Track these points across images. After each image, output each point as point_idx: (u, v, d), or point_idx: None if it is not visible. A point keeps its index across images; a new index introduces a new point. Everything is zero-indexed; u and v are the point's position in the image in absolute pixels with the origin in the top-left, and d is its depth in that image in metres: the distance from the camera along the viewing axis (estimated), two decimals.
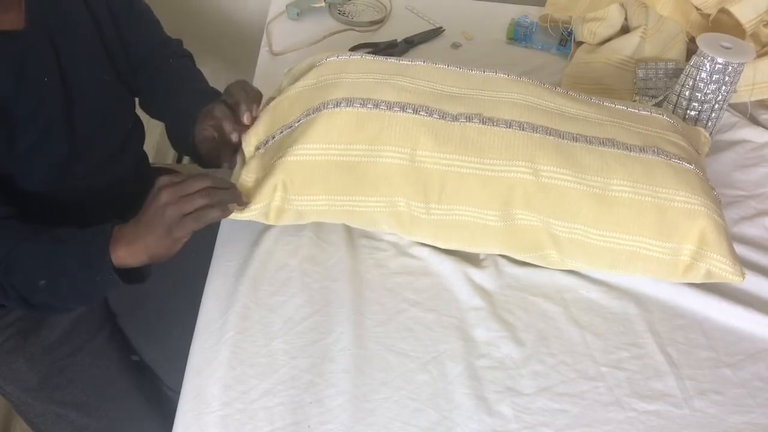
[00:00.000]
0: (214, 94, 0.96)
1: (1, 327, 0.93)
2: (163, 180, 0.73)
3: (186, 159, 1.76)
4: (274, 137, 0.84)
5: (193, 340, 0.77)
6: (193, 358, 0.75)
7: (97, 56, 0.93)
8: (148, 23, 1.03)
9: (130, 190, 0.90)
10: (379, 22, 1.35)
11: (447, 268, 0.85)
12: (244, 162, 0.85)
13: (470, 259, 0.87)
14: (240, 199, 0.78)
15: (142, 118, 1.07)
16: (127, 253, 0.73)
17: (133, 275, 0.76)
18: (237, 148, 0.87)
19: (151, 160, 1.17)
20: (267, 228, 0.89)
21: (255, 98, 0.87)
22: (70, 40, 0.87)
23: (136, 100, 1.07)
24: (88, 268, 0.74)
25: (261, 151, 0.84)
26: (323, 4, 1.35)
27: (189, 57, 1.10)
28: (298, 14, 1.34)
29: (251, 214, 0.80)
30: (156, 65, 1.02)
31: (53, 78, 0.85)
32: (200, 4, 1.71)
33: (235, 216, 0.79)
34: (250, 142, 0.86)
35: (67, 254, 0.75)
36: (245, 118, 0.85)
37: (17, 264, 0.76)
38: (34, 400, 0.96)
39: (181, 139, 0.94)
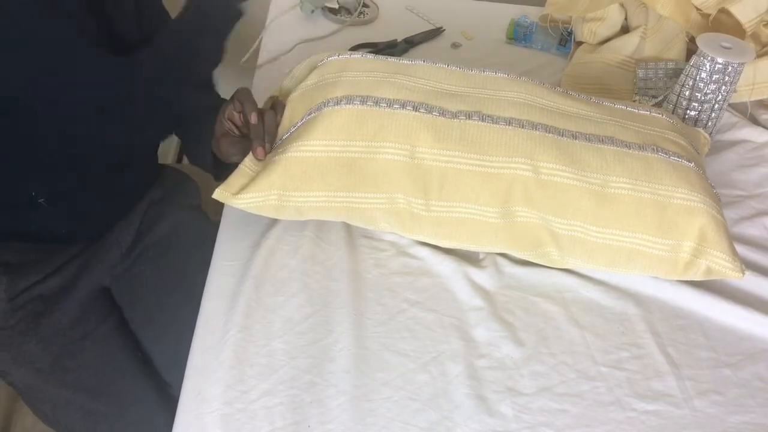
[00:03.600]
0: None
1: (12, 309, 0.94)
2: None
3: (186, 159, 1.77)
4: (282, 139, 0.84)
5: (193, 340, 0.77)
6: (194, 358, 0.75)
7: (130, 27, 0.93)
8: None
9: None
10: (372, 20, 1.36)
11: (447, 268, 0.85)
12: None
13: (470, 259, 0.87)
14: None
15: None
16: None
17: None
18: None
19: None
20: (268, 228, 0.89)
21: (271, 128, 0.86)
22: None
23: None
24: None
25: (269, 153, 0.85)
26: (336, 5, 1.35)
27: None
28: (312, 11, 1.33)
29: (242, 202, 0.80)
30: None
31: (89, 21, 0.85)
32: None
33: (229, 201, 0.80)
34: None
35: None
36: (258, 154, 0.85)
37: None
38: (45, 383, 0.96)
39: (197, 148, 0.96)
